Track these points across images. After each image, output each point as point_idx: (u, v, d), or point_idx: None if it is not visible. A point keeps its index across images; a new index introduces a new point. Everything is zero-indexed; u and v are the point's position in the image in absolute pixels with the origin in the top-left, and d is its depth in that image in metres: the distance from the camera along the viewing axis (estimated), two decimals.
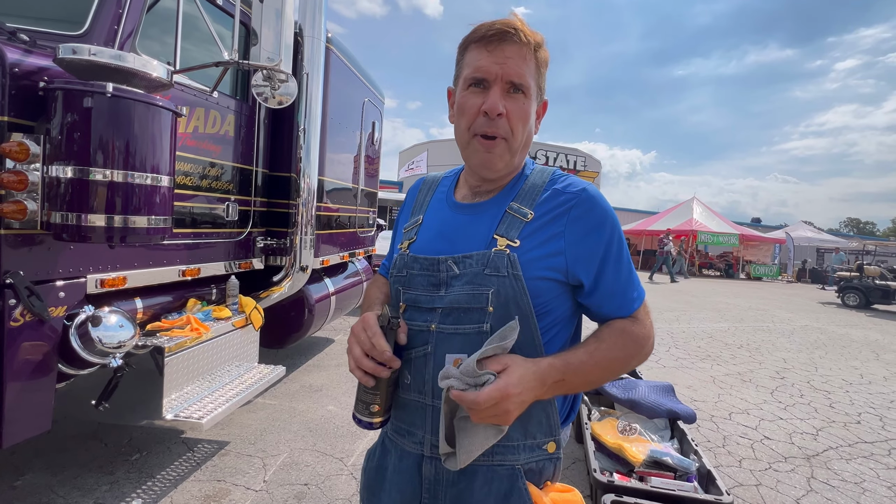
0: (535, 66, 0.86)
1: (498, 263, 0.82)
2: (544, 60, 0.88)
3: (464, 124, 0.87)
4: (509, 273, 0.81)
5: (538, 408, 0.84)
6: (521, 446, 0.84)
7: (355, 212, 4.57)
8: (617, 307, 0.87)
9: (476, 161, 0.88)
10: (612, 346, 0.84)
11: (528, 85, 0.85)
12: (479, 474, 0.84)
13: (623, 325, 0.86)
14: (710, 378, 4.94)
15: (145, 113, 1.78)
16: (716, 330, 7.71)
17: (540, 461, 0.85)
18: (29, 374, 1.75)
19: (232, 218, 2.90)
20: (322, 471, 2.61)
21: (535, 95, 0.88)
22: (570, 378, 0.80)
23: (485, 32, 0.84)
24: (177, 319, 2.47)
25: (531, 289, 0.82)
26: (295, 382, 3.93)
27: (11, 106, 1.61)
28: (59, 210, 1.66)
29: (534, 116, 0.90)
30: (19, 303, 1.68)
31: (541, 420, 0.85)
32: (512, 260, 0.82)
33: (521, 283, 0.81)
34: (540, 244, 0.84)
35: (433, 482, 0.87)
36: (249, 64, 2.23)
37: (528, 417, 0.83)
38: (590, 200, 0.86)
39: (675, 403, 2.82)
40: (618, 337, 0.85)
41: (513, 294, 0.81)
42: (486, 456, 0.83)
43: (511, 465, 0.84)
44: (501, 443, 0.82)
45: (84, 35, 1.90)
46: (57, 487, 2.30)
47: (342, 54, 3.85)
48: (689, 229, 19.78)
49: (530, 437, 0.85)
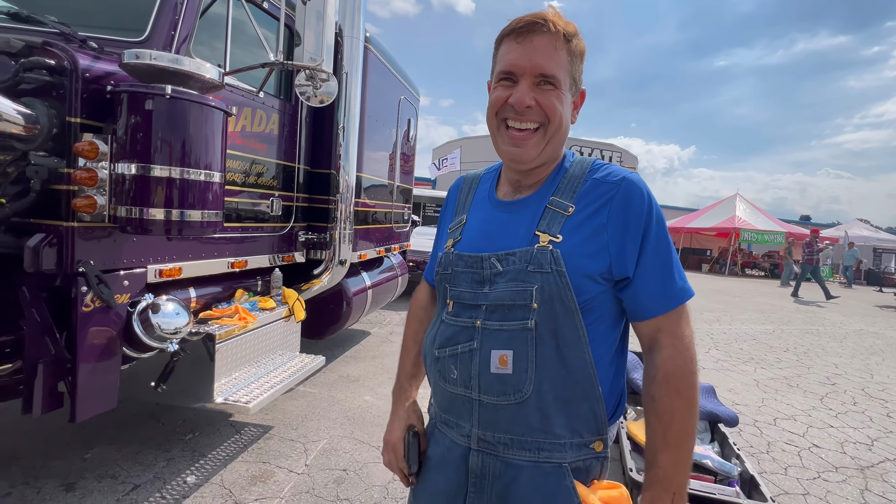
0: (566, 57, 0.85)
1: (541, 260, 0.82)
2: (579, 51, 0.87)
3: (491, 112, 0.90)
4: (553, 269, 0.81)
5: (585, 405, 0.83)
6: (568, 444, 0.84)
7: (391, 208, 4.65)
8: (657, 300, 0.83)
9: (505, 151, 0.89)
10: (674, 412, 0.80)
11: (558, 77, 0.84)
12: (526, 470, 0.84)
13: (664, 367, 0.82)
14: (754, 381, 4.75)
15: (199, 113, 1.89)
16: (759, 332, 7.39)
17: (587, 460, 0.85)
18: (98, 355, 1.90)
19: (276, 213, 3.03)
20: (360, 458, 2.70)
21: (569, 86, 0.87)
22: (676, 486, 0.80)
23: (515, 25, 0.85)
24: (226, 309, 2.61)
25: (576, 285, 0.81)
26: (333, 372, 4.06)
27: (83, 108, 1.75)
28: (123, 204, 1.79)
29: (569, 107, 0.89)
30: (90, 290, 1.82)
31: (588, 418, 0.84)
32: (555, 256, 0.81)
33: (565, 280, 0.81)
34: (584, 239, 0.83)
35: (479, 475, 0.87)
36: (293, 64, 2.32)
37: (575, 415, 0.83)
38: (630, 189, 0.84)
39: (717, 405, 2.74)
40: (671, 394, 0.81)
41: (557, 291, 0.81)
42: (533, 452, 0.83)
43: (558, 463, 0.83)
44: (548, 440, 0.83)
45: (145, 41, 2.03)
46: (121, 461, 2.49)
47: (379, 53, 3.93)
48: (731, 227, 18.96)
49: (577, 435, 0.84)
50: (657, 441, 0.81)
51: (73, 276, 1.80)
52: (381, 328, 5.75)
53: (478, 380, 0.85)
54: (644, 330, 0.87)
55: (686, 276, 0.87)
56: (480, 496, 0.87)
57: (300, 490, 2.36)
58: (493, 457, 0.86)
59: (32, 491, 2.20)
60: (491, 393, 0.84)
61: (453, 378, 0.89)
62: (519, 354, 0.82)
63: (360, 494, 2.36)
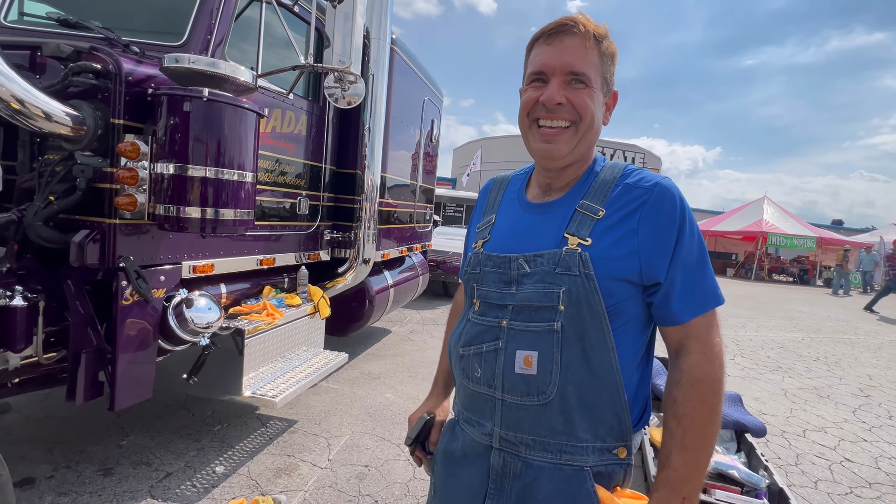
0: (597, 57, 0.86)
1: (570, 262, 0.82)
2: (610, 52, 0.88)
3: (523, 113, 0.91)
4: (581, 272, 0.81)
5: (609, 410, 0.83)
6: (590, 448, 0.83)
7: (414, 208, 4.69)
8: (687, 306, 0.82)
9: (536, 148, 0.90)
10: (696, 417, 0.79)
11: (588, 75, 0.85)
12: (547, 471, 0.84)
13: (690, 372, 0.81)
14: (781, 391, 4.62)
15: (234, 114, 1.95)
16: (788, 340, 7.17)
17: (610, 465, 0.84)
18: (135, 347, 1.98)
19: (303, 212, 3.09)
20: (381, 455, 2.74)
21: (601, 86, 0.88)
22: (688, 490, 0.79)
23: (545, 29, 0.88)
24: (254, 305, 2.68)
25: (604, 289, 0.81)
26: (355, 369, 4.12)
27: (126, 110, 1.83)
28: (162, 203, 1.86)
29: (601, 107, 0.90)
30: (129, 284, 1.90)
31: (612, 424, 0.84)
32: (584, 259, 0.81)
33: (593, 283, 0.81)
34: (613, 243, 0.82)
35: (500, 474, 0.88)
36: (323, 67, 2.37)
37: (598, 419, 0.83)
38: (662, 195, 0.83)
39: (744, 415, 2.67)
40: (694, 400, 0.80)
41: (584, 294, 0.81)
42: (555, 454, 0.83)
43: (580, 467, 0.83)
44: (570, 443, 0.83)
45: (183, 45, 2.11)
46: (154, 449, 2.59)
47: (405, 54, 3.97)
48: (758, 231, 18.44)
49: (600, 439, 0.83)
50: (674, 443, 0.80)
51: (114, 271, 1.89)
52: (401, 326, 5.80)
53: (501, 379, 0.86)
54: (672, 335, 0.86)
55: (716, 282, 0.86)
56: (500, 494, 0.87)
57: (323, 484, 2.41)
58: (515, 456, 0.86)
59: (73, 474, 2.31)
60: (514, 393, 0.85)
61: (477, 377, 0.90)
62: (544, 356, 0.83)
63: (382, 491, 2.39)
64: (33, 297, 1.80)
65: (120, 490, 2.23)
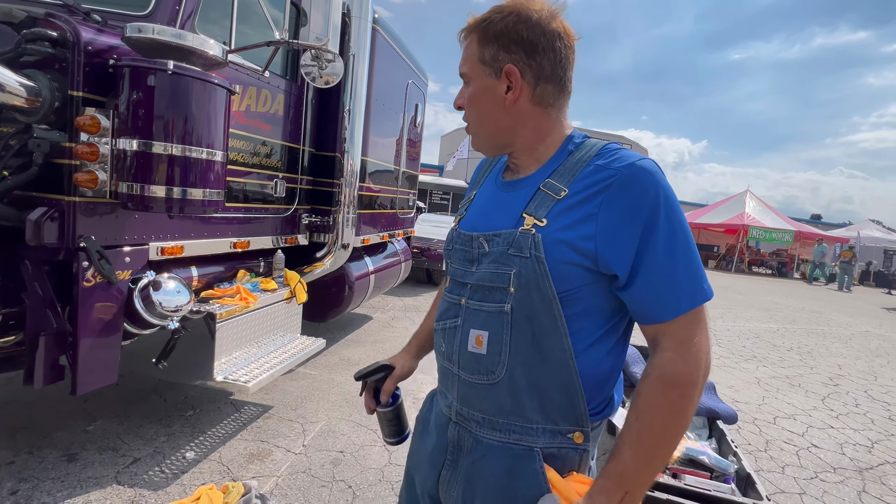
0: (476, 46, 0.85)
1: (521, 243, 0.79)
2: (484, 33, 0.83)
3: None
4: (532, 255, 0.78)
5: (560, 394, 0.80)
6: (539, 429, 0.81)
7: (396, 193, 4.63)
8: (661, 305, 0.75)
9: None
10: (656, 414, 0.74)
11: (466, 72, 0.88)
12: (495, 449, 0.84)
13: (661, 368, 0.75)
14: (755, 379, 4.73)
15: (202, 89, 1.87)
16: (763, 330, 7.34)
17: (563, 449, 0.81)
18: (99, 330, 1.91)
19: (280, 195, 3.02)
20: (357, 440, 2.72)
21: (482, 72, 0.85)
22: (632, 486, 0.74)
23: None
24: (228, 289, 2.62)
25: (554, 273, 0.77)
26: (334, 355, 4.08)
27: (85, 82, 1.74)
28: (125, 180, 1.79)
29: (492, 91, 0.84)
30: (91, 265, 1.83)
31: (564, 408, 0.81)
32: (536, 241, 0.78)
33: (543, 267, 0.77)
34: (568, 226, 0.77)
35: (455, 447, 0.89)
36: (299, 43, 2.29)
37: (549, 402, 0.81)
38: (631, 178, 0.75)
39: (716, 402, 2.73)
40: (659, 396, 0.74)
41: (534, 277, 0.78)
42: (504, 433, 0.83)
43: (528, 447, 0.81)
44: (519, 423, 0.82)
45: (149, 15, 2.01)
46: (122, 435, 2.53)
47: (388, 35, 3.87)
48: (740, 224, 18.77)
49: (551, 421, 0.81)
50: (629, 436, 0.76)
51: (74, 251, 1.81)
52: (383, 313, 5.76)
53: (458, 356, 0.87)
54: (648, 331, 0.80)
55: (703, 276, 0.77)
56: (455, 467, 0.89)
57: (297, 470, 2.38)
58: (468, 432, 0.88)
59: (35, 460, 2.25)
60: (467, 370, 0.86)
61: (442, 351, 0.92)
62: (494, 337, 0.82)
63: (356, 476, 2.38)
64: None
65: (84, 476, 2.17)
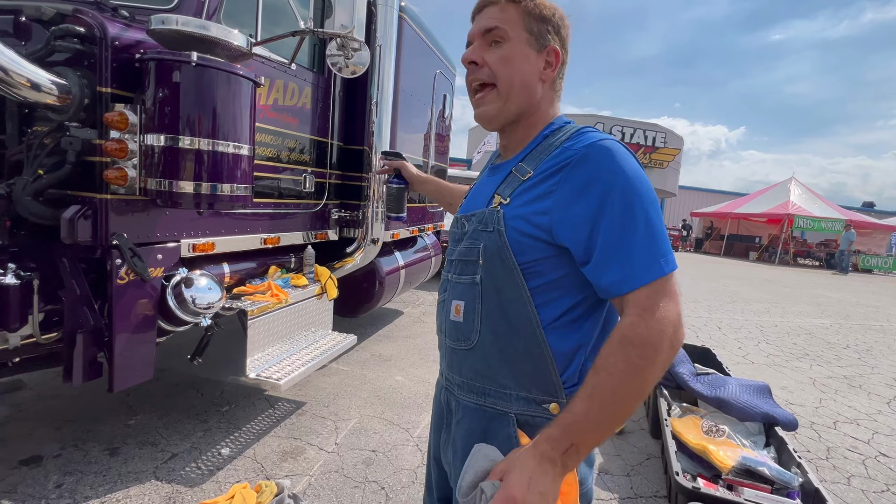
0: (517, 13, 0.86)
1: (488, 220, 0.87)
2: (537, 11, 0.87)
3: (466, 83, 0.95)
4: (495, 228, 0.85)
5: (529, 362, 0.84)
6: (513, 396, 0.86)
7: None
8: (620, 279, 0.75)
9: (474, 113, 0.94)
10: (612, 372, 0.72)
11: (503, 28, 0.86)
12: (472, 411, 0.90)
13: (622, 329, 0.74)
14: (809, 380, 4.42)
15: (226, 81, 1.83)
16: (815, 326, 6.89)
17: (538, 418, 0.84)
18: (133, 327, 1.92)
19: (309, 189, 2.99)
20: (389, 439, 2.67)
21: (526, 41, 0.87)
22: (580, 439, 0.74)
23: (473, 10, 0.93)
24: (259, 285, 2.60)
25: (514, 245, 0.83)
26: (365, 351, 4.06)
27: (113, 77, 1.72)
28: (153, 177, 1.77)
29: (531, 62, 0.88)
30: (124, 263, 1.82)
31: (535, 376, 0.84)
32: (499, 216, 0.85)
33: (502, 238, 0.84)
34: (527, 202, 0.83)
35: (447, 410, 0.98)
36: (323, 32, 2.21)
37: (519, 370, 0.85)
38: (586, 157, 0.78)
39: (773, 407, 2.51)
40: (618, 355, 0.73)
41: (496, 249, 0.84)
42: (480, 396, 0.89)
43: (503, 412, 0.86)
44: (493, 388, 0.87)
45: (174, 9, 1.98)
46: (161, 429, 2.56)
47: (415, 24, 3.78)
48: (784, 213, 17.80)
49: (523, 388, 0.85)
50: (584, 391, 0.75)
51: (108, 249, 1.81)
52: (413, 308, 5.72)
53: (444, 325, 0.96)
54: (616, 305, 0.81)
55: (666, 249, 0.76)
56: (448, 430, 0.97)
57: (329, 469, 2.35)
58: (452, 395, 0.96)
59: (80, 453, 2.30)
60: (451, 338, 0.94)
61: (438, 324, 1.01)
62: (468, 306, 0.89)
63: (389, 477, 2.32)
64: (27, 275, 1.74)
65: (125, 470, 2.20)
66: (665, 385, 2.80)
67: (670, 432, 2.30)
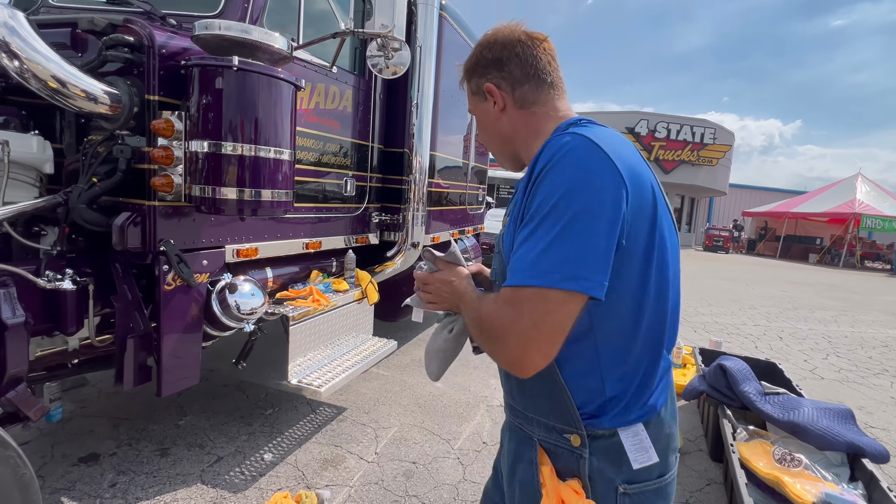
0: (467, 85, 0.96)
1: (497, 242, 0.92)
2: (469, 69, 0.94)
3: None
4: (499, 250, 0.90)
5: (542, 389, 0.82)
6: (535, 420, 0.86)
7: (465, 189, 4.46)
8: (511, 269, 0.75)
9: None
10: (491, 302, 0.78)
11: (471, 109, 0.97)
12: (514, 431, 0.92)
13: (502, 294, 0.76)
14: (891, 399, 3.99)
15: (267, 85, 1.81)
16: (892, 338, 6.28)
17: (558, 448, 0.82)
18: (180, 332, 1.93)
19: (350, 193, 2.96)
20: (430, 451, 2.59)
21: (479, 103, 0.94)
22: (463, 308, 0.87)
23: None
24: (301, 290, 2.60)
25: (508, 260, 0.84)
26: (406, 356, 4.01)
27: (160, 85, 1.74)
28: (197, 183, 1.77)
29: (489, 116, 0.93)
30: (171, 269, 1.84)
31: (551, 406, 0.82)
32: (500, 237, 0.89)
33: (503, 258, 0.86)
34: (512, 220, 0.83)
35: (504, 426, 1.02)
36: (364, 32, 2.17)
37: (536, 392, 0.84)
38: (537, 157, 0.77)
39: (859, 435, 2.21)
40: (495, 300, 0.78)
41: (501, 270, 0.87)
42: (514, 416, 0.92)
43: (528, 434, 0.87)
44: (521, 409, 0.89)
45: (219, 14, 1.99)
46: (209, 431, 2.61)
47: (455, 22, 3.70)
48: (849, 212, 16.49)
49: (542, 414, 0.84)
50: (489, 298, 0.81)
51: (156, 255, 1.83)
52: None
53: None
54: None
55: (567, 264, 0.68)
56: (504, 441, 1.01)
57: (369, 480, 2.30)
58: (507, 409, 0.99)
59: (133, 452, 2.36)
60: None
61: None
62: None
63: (430, 492, 2.24)
64: (83, 280, 1.78)
65: (174, 472, 2.23)
66: (728, 404, 2.56)
67: (738, 460, 2.07)
